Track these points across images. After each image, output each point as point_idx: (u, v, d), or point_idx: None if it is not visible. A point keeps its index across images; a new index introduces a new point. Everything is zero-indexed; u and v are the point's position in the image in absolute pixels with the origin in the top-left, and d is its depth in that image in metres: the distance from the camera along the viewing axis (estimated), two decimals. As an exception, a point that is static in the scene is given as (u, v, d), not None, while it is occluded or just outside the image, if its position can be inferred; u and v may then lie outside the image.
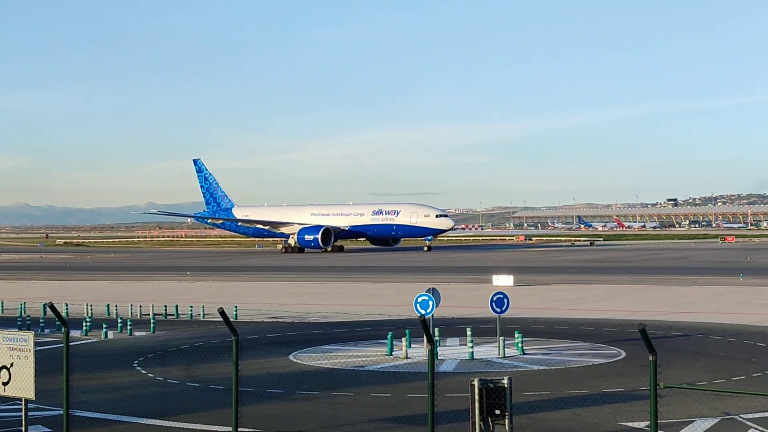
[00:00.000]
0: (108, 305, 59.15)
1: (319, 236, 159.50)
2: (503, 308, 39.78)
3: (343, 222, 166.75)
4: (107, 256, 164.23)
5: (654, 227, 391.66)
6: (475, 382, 18.46)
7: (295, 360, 38.24)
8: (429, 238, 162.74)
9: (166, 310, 57.88)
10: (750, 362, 35.82)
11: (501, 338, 38.68)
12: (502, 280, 74.09)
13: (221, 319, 19.32)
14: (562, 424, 25.32)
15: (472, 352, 37.76)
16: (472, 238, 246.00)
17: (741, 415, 25.87)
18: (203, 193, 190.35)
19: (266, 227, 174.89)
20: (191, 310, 57.15)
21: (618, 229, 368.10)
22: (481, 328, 44.46)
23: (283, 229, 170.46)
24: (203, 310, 56.78)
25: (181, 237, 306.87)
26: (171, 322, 54.56)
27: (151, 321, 50.61)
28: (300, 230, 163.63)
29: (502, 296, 40.05)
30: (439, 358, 36.69)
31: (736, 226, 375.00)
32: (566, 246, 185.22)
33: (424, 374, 18.77)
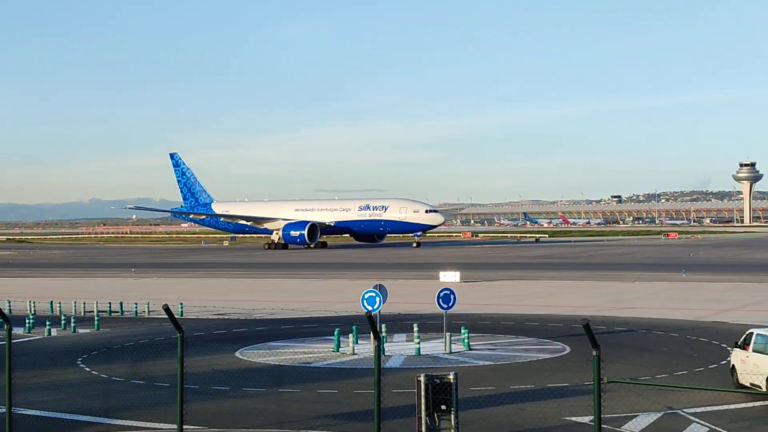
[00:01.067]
0: (51, 302, 58.42)
1: (305, 232, 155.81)
2: (450, 304, 39.97)
3: (329, 217, 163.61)
4: (50, 253, 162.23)
5: (598, 224, 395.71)
6: (422, 378, 18.52)
7: (241, 357, 38.07)
8: (418, 234, 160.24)
9: (110, 307, 57.33)
10: (692, 357, 36.33)
11: (447, 334, 38.85)
12: (449, 277, 74.41)
13: (166, 316, 19.18)
14: (508, 419, 25.49)
15: (419, 348, 37.88)
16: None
17: (684, 410, 26.23)
18: (180, 188, 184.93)
19: (249, 223, 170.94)
20: (136, 307, 56.67)
21: (563, 225, 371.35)
22: (428, 324, 44.61)
23: (267, 225, 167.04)
24: (148, 307, 56.32)
25: (126, 233, 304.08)
26: (115, 320, 54.06)
27: (95, 318, 50.07)
28: (285, 226, 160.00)
29: (448, 292, 40.22)
30: (385, 354, 36.76)
31: (679, 222, 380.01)
32: (512, 242, 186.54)
33: (371, 370, 18.79)
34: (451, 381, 18.54)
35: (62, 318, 50.30)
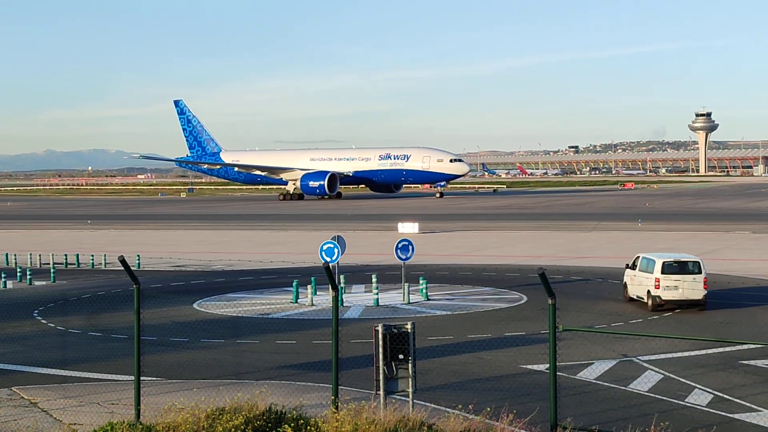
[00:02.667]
0: (6, 254, 57.89)
1: (325, 182, 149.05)
2: (408, 255, 40.11)
3: (347, 167, 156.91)
4: (5, 205, 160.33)
5: (556, 174, 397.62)
6: (379, 328, 18.57)
7: (199, 308, 38.02)
8: (442, 184, 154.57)
9: (66, 259, 56.87)
10: (647, 305, 36.72)
11: (406, 285, 39.02)
12: (407, 228, 74.54)
13: (123, 268, 19.04)
14: (465, 368, 25.71)
15: (377, 299, 38.02)
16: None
17: (638, 357, 26.60)
18: (186, 136, 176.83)
19: (264, 173, 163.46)
20: (92, 259, 56.25)
21: (521, 176, 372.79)
22: (386, 275, 44.74)
23: (284, 175, 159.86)
24: (105, 259, 55.95)
25: (82, 185, 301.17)
26: (71, 272, 53.68)
27: (51, 270, 49.66)
28: (303, 176, 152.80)
29: (407, 243, 40.35)
30: (344, 305, 36.88)
31: (635, 172, 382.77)
32: (471, 193, 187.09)
33: (329, 321, 18.82)
34: (409, 331, 18.61)
35: (18, 270, 49.86)
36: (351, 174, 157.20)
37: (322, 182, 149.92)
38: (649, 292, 35.48)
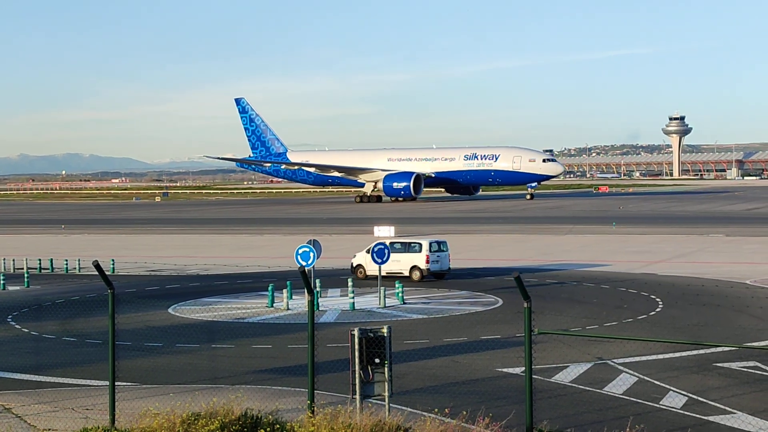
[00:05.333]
0: (-21, 260, 57.38)
1: (410, 184, 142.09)
2: (384, 259, 40.10)
3: (427, 168, 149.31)
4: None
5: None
6: (355, 332, 18.56)
7: (174, 313, 37.86)
8: (533, 185, 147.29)
9: (40, 263, 56.50)
10: (622, 308, 36.94)
11: (382, 288, 38.99)
12: (384, 231, 74.35)
13: (97, 273, 18.95)
14: (441, 372, 25.72)
15: (353, 303, 37.98)
16: (353, 190, 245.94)
17: (613, 360, 26.69)
18: (248, 136, 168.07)
19: (341, 174, 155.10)
20: (66, 264, 55.91)
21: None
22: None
23: (362, 176, 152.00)
24: (79, 264, 55.59)
25: (56, 189, 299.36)
26: (45, 276, 53.33)
27: (25, 275, 49.31)
28: (386, 177, 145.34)
29: (383, 247, 40.33)
30: (320, 309, 36.81)
31: (609, 176, 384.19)
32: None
33: (305, 325, 18.79)
34: (385, 334, 18.61)
35: (-9, 275, 49.44)
36: (432, 175, 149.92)
37: (407, 183, 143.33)
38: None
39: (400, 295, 39.58)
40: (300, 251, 37.41)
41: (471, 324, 34.14)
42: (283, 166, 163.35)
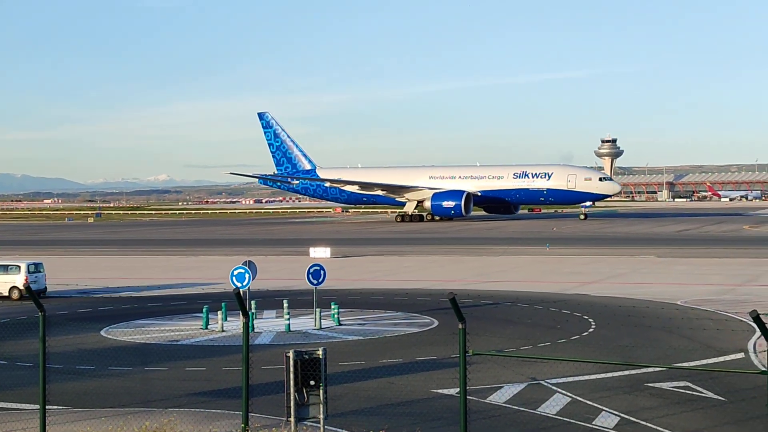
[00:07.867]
0: None
1: (461, 203, 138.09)
2: (320, 280, 40.06)
3: (472, 186, 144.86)
4: None
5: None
6: (290, 354, 18.53)
7: (106, 335, 37.40)
8: (588, 204, 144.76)
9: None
10: (555, 329, 37.30)
11: (317, 310, 38.93)
12: (319, 252, 74.51)
13: (27, 295, 18.69)
14: (377, 393, 25.75)
15: (289, 324, 37.86)
16: (289, 210, 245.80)
17: (547, 380, 26.95)
18: (273, 152, 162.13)
19: (382, 192, 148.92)
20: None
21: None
22: (298, 300, 44.56)
23: (406, 195, 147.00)
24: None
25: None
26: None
27: (-47, 298, 48.32)
28: (435, 195, 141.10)
29: (318, 268, 40.29)
30: (255, 330, 36.63)
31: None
32: (383, 218, 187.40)
33: (240, 347, 18.69)
34: (320, 356, 18.61)
35: None
36: (479, 194, 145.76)
37: (458, 202, 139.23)
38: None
39: (335, 316, 39.56)
40: (235, 272, 37.26)
41: (407, 345, 34.22)
42: (327, 184, 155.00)
